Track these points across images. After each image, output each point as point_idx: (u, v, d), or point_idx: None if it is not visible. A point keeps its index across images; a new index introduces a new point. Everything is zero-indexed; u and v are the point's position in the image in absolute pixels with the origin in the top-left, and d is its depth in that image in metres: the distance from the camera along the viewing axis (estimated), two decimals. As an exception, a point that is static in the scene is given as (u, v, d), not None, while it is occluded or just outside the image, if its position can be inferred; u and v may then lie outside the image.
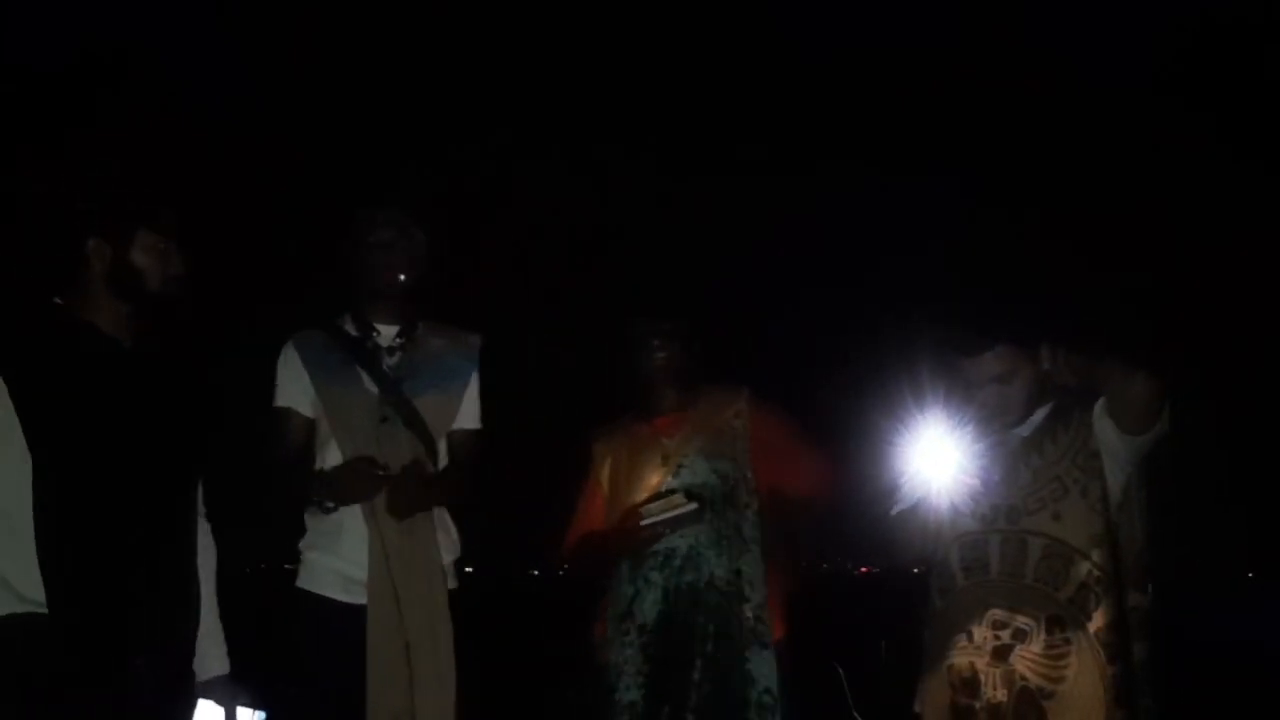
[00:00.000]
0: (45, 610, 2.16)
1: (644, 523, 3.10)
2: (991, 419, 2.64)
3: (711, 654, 3.18)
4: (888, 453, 2.66)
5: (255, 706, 2.58)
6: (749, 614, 3.19)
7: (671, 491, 3.18)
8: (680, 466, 3.25)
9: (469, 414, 3.04)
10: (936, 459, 2.60)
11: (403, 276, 2.92)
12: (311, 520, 2.96)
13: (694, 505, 3.12)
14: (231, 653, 2.53)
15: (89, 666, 2.16)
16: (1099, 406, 2.60)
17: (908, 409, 2.63)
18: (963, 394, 2.68)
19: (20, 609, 2.17)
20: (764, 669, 3.17)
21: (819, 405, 3.65)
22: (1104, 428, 2.59)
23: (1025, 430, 2.68)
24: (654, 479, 3.24)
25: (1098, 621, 2.52)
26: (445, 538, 3.00)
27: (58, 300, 2.32)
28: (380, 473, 2.81)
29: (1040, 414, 2.69)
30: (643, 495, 3.25)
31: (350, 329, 2.98)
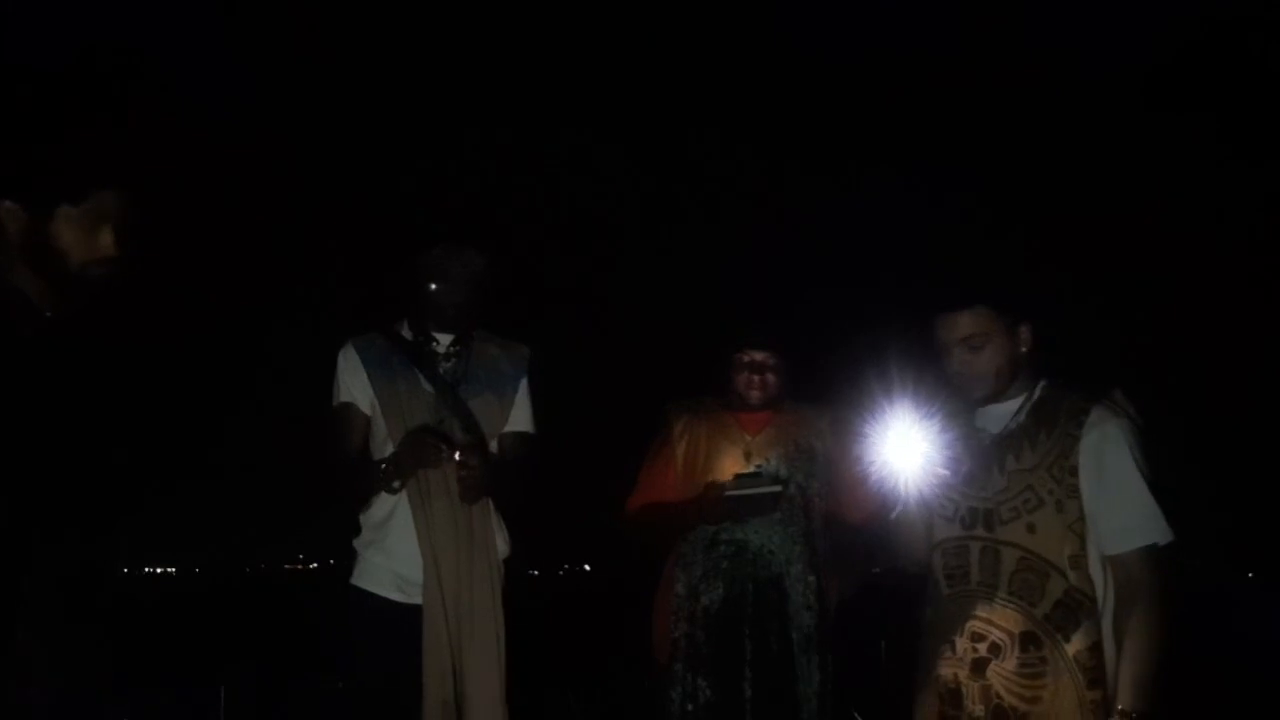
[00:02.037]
0: None
1: (729, 493, 3.13)
2: (955, 387, 2.57)
3: (770, 650, 3.20)
4: (879, 449, 2.64)
5: None
6: (809, 622, 3.21)
7: (758, 472, 3.22)
8: (760, 466, 3.29)
9: (520, 418, 3.11)
10: (906, 450, 2.57)
11: (465, 300, 3.03)
12: (365, 518, 3.01)
13: (779, 487, 3.15)
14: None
15: None
16: (1100, 526, 2.47)
17: (883, 399, 2.61)
18: (934, 368, 2.59)
19: None
20: (815, 674, 3.20)
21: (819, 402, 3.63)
22: (1093, 535, 2.48)
23: (996, 426, 2.59)
24: (732, 468, 3.27)
25: (1077, 644, 2.43)
26: (499, 535, 3.06)
27: None
28: (443, 447, 2.85)
29: (1018, 407, 2.59)
30: (718, 479, 3.27)
31: (407, 334, 3.06)
